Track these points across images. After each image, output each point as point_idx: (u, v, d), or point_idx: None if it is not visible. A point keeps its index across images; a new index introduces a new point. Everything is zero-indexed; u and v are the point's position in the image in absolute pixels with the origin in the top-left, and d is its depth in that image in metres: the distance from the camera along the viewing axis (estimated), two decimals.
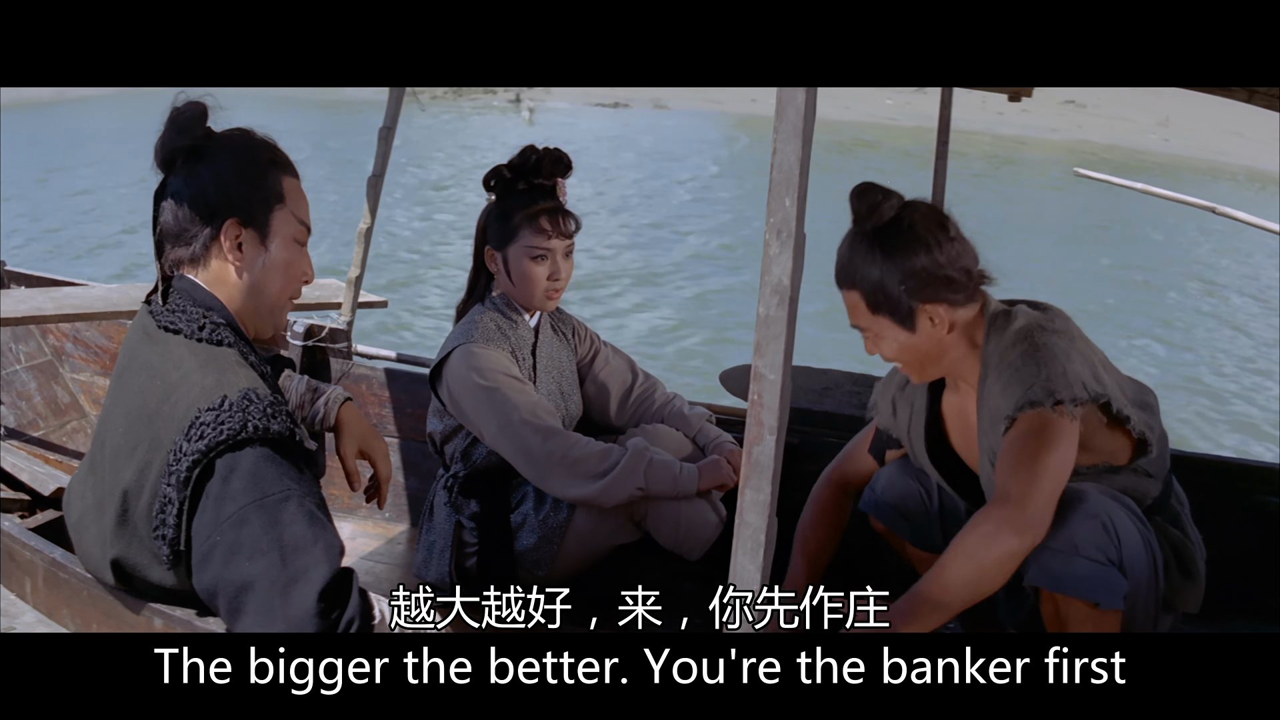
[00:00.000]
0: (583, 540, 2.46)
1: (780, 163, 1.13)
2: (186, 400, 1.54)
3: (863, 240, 1.87)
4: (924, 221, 1.86)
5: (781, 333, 1.18)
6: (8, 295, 3.02)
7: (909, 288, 1.84)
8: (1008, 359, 1.86)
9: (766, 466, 1.21)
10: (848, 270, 1.88)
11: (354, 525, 3.02)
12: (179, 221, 1.67)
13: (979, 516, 1.77)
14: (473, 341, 2.44)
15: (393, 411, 3.17)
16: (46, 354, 3.36)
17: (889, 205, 1.86)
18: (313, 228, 1.79)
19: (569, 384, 2.65)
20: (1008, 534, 1.74)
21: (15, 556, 1.83)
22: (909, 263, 1.84)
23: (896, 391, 2.16)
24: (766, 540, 1.23)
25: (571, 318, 2.75)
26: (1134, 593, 1.85)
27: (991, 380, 1.89)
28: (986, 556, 1.74)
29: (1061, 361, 1.81)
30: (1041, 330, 1.86)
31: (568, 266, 2.51)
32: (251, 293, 1.70)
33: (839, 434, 2.75)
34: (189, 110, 1.67)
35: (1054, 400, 1.78)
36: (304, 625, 1.45)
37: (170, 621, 1.61)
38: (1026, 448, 1.79)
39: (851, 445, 2.27)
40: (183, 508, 1.50)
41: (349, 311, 3.31)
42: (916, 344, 1.90)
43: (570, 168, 2.53)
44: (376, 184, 3.21)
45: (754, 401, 1.20)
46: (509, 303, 2.53)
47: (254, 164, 1.69)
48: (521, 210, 2.45)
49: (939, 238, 1.85)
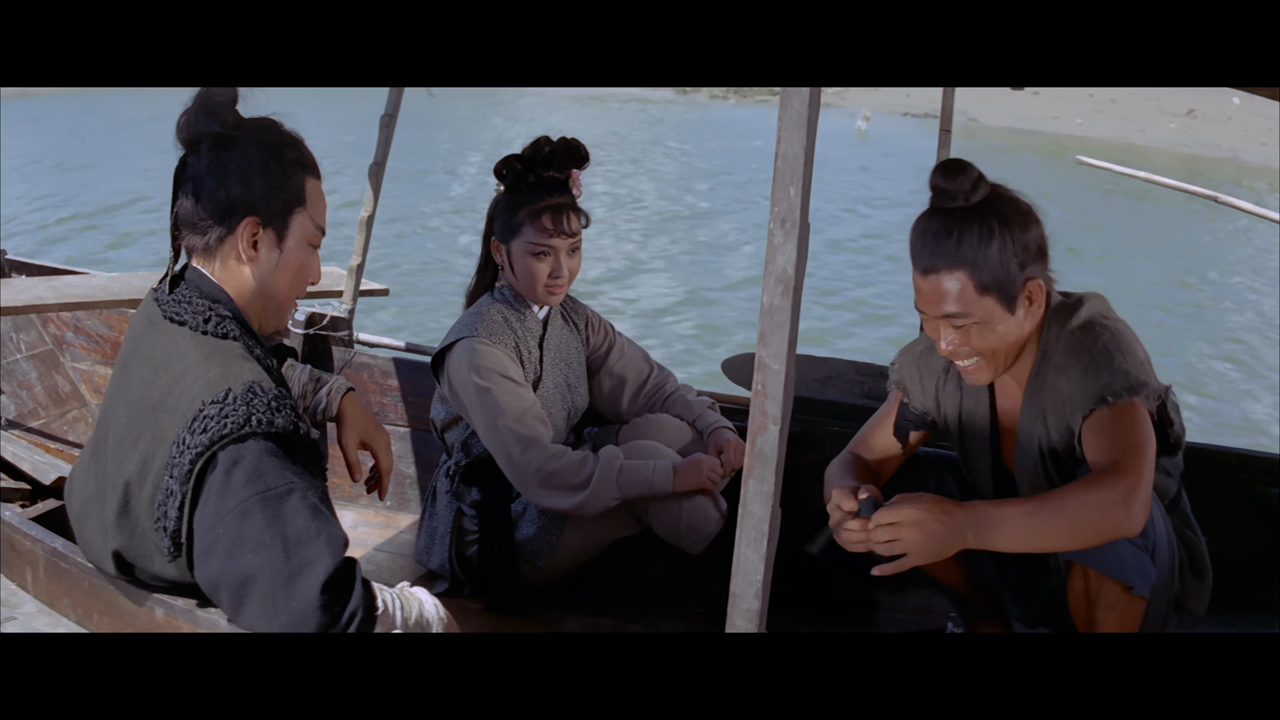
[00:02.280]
0: (583, 532, 2.45)
1: (785, 152, 1.12)
2: (190, 393, 1.54)
3: (968, 217, 1.80)
4: (1017, 195, 1.84)
5: (786, 322, 1.17)
6: (8, 284, 3.01)
7: (1021, 261, 1.81)
8: (1083, 346, 1.84)
9: (770, 456, 1.20)
10: (952, 251, 1.80)
11: (356, 514, 3.01)
12: (197, 211, 1.65)
13: (1100, 480, 1.70)
14: (476, 336, 2.42)
15: (395, 400, 3.16)
16: (47, 343, 3.35)
17: (984, 181, 1.83)
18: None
19: (576, 376, 2.63)
20: (1125, 509, 1.68)
21: (16, 546, 1.82)
22: (1025, 235, 1.81)
23: (941, 375, 2.10)
24: (770, 530, 1.23)
25: (585, 308, 2.72)
26: (1156, 584, 1.85)
27: (1055, 368, 1.87)
28: (1100, 519, 1.68)
29: (1138, 353, 1.82)
30: (1106, 319, 1.86)
31: (572, 263, 2.47)
32: (260, 290, 1.69)
33: (842, 423, 2.75)
34: (220, 94, 1.65)
35: (1142, 390, 1.78)
36: (307, 618, 1.45)
37: (172, 611, 1.61)
38: (1128, 434, 1.76)
39: (870, 426, 2.19)
40: (185, 500, 1.50)
41: (350, 299, 3.30)
42: (1009, 330, 1.85)
43: (586, 160, 2.49)
44: (378, 171, 3.20)
45: (758, 391, 1.19)
46: (517, 294, 2.51)
47: (280, 163, 1.66)
48: (526, 205, 2.42)
49: (1035, 209, 1.84)
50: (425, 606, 1.65)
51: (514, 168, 2.45)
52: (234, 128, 1.65)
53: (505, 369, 2.41)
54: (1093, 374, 1.81)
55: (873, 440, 2.16)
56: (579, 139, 2.49)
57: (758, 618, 1.25)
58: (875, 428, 2.17)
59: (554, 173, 2.44)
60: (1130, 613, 1.84)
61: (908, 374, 2.15)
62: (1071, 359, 1.85)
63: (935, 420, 2.13)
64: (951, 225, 1.80)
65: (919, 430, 2.15)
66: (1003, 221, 1.80)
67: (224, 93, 1.64)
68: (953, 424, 2.11)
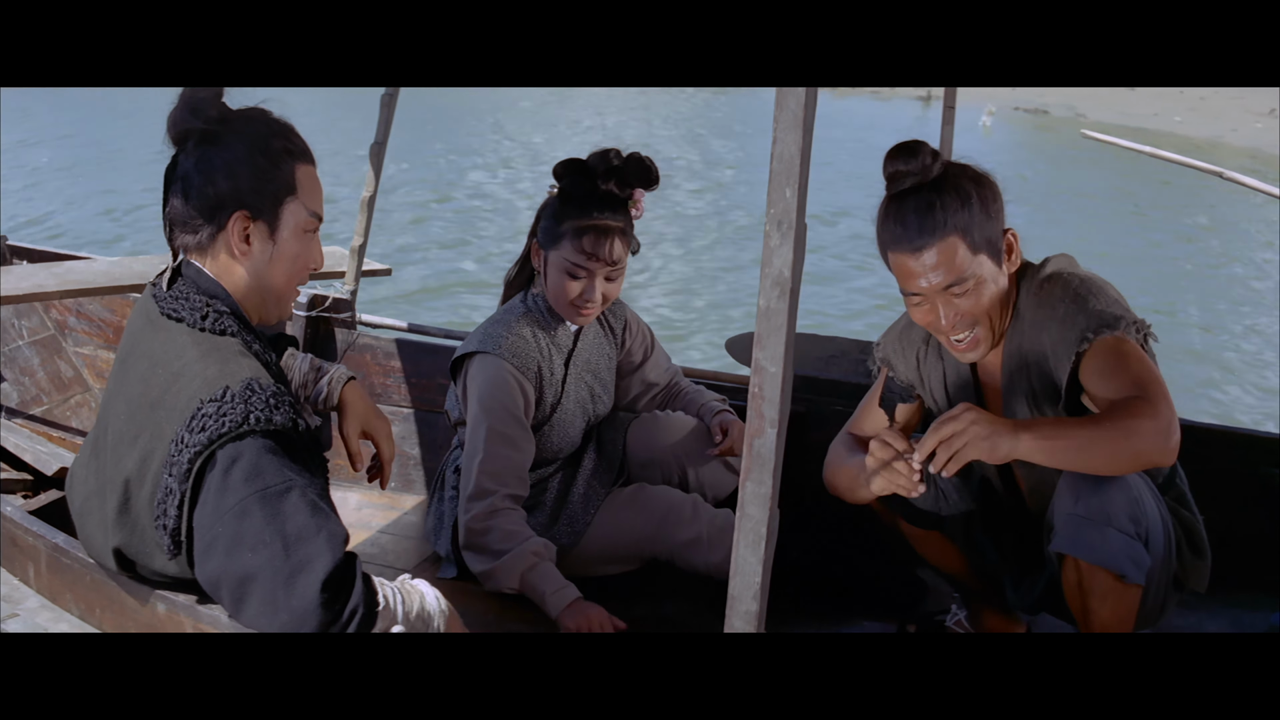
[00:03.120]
0: (584, 563, 2.46)
1: (780, 153, 1.10)
2: (188, 391, 1.53)
3: (941, 187, 1.84)
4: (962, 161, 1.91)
5: (783, 325, 1.16)
6: (10, 271, 3.01)
7: (996, 213, 1.87)
8: (1055, 298, 1.88)
9: (768, 459, 1.20)
10: (942, 221, 1.83)
11: (361, 496, 3.02)
12: (187, 209, 1.64)
13: (1140, 409, 1.73)
14: (500, 354, 2.35)
15: (398, 381, 3.16)
16: (49, 328, 3.35)
17: (939, 155, 1.88)
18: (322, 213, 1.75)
19: (602, 385, 2.57)
20: (1166, 439, 1.72)
21: (18, 542, 1.83)
22: (990, 190, 1.88)
23: (922, 346, 2.12)
24: (768, 532, 1.22)
25: (626, 312, 2.62)
26: (1152, 569, 1.85)
27: (1031, 325, 1.91)
28: (1145, 446, 1.72)
29: (1110, 292, 1.87)
30: (1074, 270, 1.92)
31: (609, 288, 2.35)
32: (257, 283, 1.69)
33: (845, 402, 2.73)
34: (204, 91, 1.63)
35: (1120, 324, 1.81)
36: (308, 615, 1.45)
37: (173, 607, 1.62)
38: (1135, 367, 1.79)
39: (859, 409, 2.21)
40: (184, 499, 1.50)
41: (353, 280, 3.29)
42: (999, 286, 1.89)
43: (655, 182, 2.33)
44: (379, 151, 3.18)
45: (754, 394, 1.18)
46: (550, 307, 2.42)
47: (266, 153, 1.64)
48: (573, 219, 2.29)
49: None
50: (426, 599, 1.65)
51: (576, 173, 2.32)
52: (218, 122, 1.63)
53: (514, 406, 2.34)
54: (1069, 322, 1.85)
55: (865, 421, 2.18)
56: (649, 157, 2.33)
57: (756, 619, 1.25)
58: (867, 408, 2.19)
59: (614, 188, 2.30)
60: (1126, 600, 1.84)
61: (891, 350, 2.17)
62: (1047, 312, 1.89)
63: (920, 394, 2.15)
64: (931, 198, 1.84)
65: (906, 403, 2.16)
66: (972, 182, 1.86)
67: (208, 90, 1.63)
68: (938, 394, 2.12)
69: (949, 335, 1.91)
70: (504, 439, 2.33)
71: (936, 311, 1.88)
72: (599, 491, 2.51)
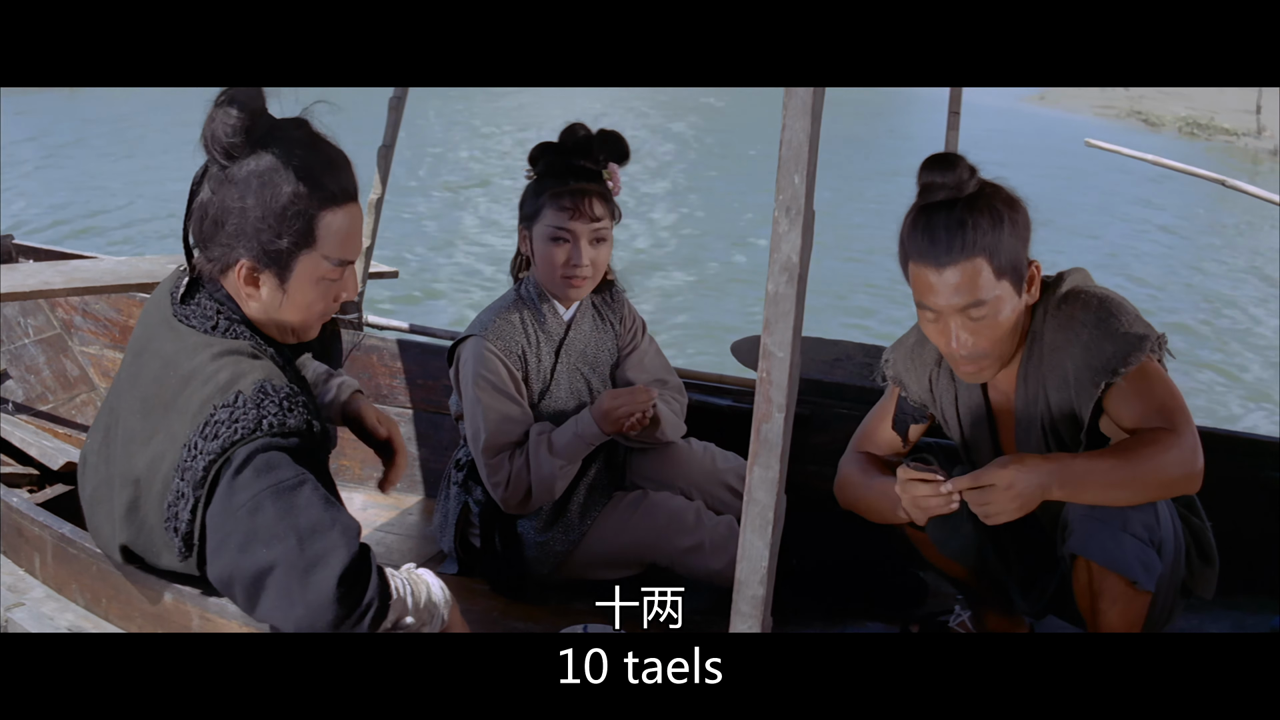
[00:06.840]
0: (585, 567, 2.46)
1: (789, 139, 1.11)
2: (200, 395, 1.53)
3: (975, 205, 1.79)
4: (997, 181, 1.87)
5: (790, 310, 1.16)
6: (15, 270, 3.01)
7: (1024, 241, 1.84)
8: (1076, 320, 1.86)
9: (775, 444, 1.20)
10: (971, 240, 1.78)
11: (365, 495, 3.02)
12: (201, 235, 1.62)
13: (1167, 439, 1.74)
14: (486, 335, 2.38)
15: (404, 383, 3.16)
16: (55, 327, 3.35)
17: (977, 171, 1.84)
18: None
19: (601, 378, 2.54)
20: (1193, 467, 1.74)
21: (24, 532, 1.83)
22: (1023, 217, 1.84)
23: (934, 368, 2.08)
24: (775, 517, 1.23)
25: (624, 302, 2.62)
26: (1161, 576, 1.85)
27: (1050, 347, 1.88)
28: (1175, 476, 1.74)
29: (1129, 308, 1.86)
30: (1090, 288, 1.89)
31: (596, 253, 2.38)
32: (269, 320, 1.66)
33: (850, 405, 2.74)
34: (226, 118, 1.54)
35: (1145, 345, 1.81)
36: (323, 609, 1.45)
37: (180, 597, 1.62)
38: (1159, 393, 1.80)
39: (868, 423, 2.17)
40: (197, 504, 1.50)
41: (359, 282, 3.30)
42: (1014, 314, 1.85)
43: (626, 155, 2.39)
44: (387, 154, 3.18)
45: (763, 379, 1.19)
46: (541, 292, 2.45)
47: (280, 199, 1.56)
48: (550, 189, 2.35)
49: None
50: (433, 589, 1.66)
51: (548, 154, 2.38)
52: (241, 147, 1.56)
53: (501, 382, 2.37)
54: (1095, 349, 1.82)
55: (875, 436, 2.15)
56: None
57: (762, 604, 1.25)
58: (876, 423, 2.16)
59: (587, 162, 2.36)
60: (1135, 605, 1.85)
61: (903, 368, 2.13)
62: (1069, 336, 1.85)
63: (933, 413, 2.13)
64: (963, 215, 1.78)
65: (919, 423, 2.15)
66: (1006, 205, 1.82)
67: (229, 118, 1.54)
68: (950, 416, 2.10)
69: (956, 356, 1.88)
70: (501, 415, 2.36)
71: (949, 332, 1.84)
72: (598, 500, 2.51)
